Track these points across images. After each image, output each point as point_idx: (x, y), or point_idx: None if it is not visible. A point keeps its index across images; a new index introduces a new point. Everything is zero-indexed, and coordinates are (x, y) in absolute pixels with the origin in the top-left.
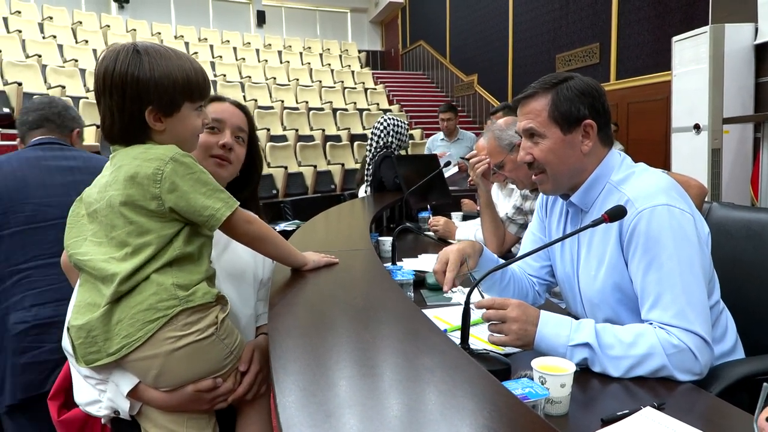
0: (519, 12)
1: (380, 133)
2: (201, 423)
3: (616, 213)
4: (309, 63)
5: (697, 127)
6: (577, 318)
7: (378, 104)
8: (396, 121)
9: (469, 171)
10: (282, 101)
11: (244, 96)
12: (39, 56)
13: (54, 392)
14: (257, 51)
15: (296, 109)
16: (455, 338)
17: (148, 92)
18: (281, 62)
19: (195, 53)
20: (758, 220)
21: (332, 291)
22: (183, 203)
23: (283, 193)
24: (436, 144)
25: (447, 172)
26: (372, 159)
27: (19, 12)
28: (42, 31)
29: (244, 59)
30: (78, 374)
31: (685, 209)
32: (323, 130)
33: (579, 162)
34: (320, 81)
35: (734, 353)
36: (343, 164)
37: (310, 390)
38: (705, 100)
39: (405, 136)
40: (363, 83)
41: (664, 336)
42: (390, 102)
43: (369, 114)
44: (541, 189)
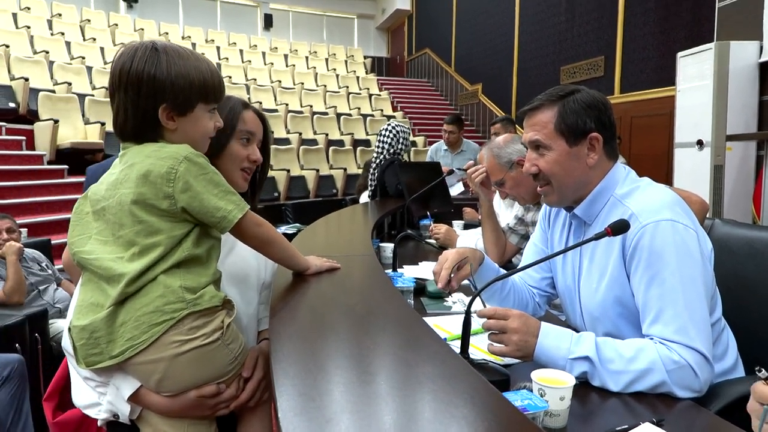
0: (525, 23)
1: (390, 140)
2: (201, 429)
3: (620, 227)
4: (314, 67)
5: (700, 143)
6: (577, 331)
7: (382, 110)
8: (402, 127)
9: (468, 181)
10: (286, 104)
11: (249, 98)
12: (47, 52)
13: (49, 394)
14: (263, 54)
15: (300, 113)
16: (455, 347)
17: (164, 90)
18: (287, 66)
19: (201, 54)
20: (761, 239)
21: (334, 296)
22: (196, 203)
23: (285, 196)
24: (439, 155)
25: (453, 190)
26: (378, 165)
27: (29, 8)
28: (50, 28)
29: (250, 61)
30: (77, 376)
31: (689, 225)
32: (326, 135)
33: (584, 174)
34: (325, 85)
35: (735, 371)
36: (346, 169)
37: (310, 395)
38: (708, 117)
39: (408, 141)
40: (368, 89)
41: (665, 352)
42: (394, 108)
43: (373, 120)
44: (546, 201)
